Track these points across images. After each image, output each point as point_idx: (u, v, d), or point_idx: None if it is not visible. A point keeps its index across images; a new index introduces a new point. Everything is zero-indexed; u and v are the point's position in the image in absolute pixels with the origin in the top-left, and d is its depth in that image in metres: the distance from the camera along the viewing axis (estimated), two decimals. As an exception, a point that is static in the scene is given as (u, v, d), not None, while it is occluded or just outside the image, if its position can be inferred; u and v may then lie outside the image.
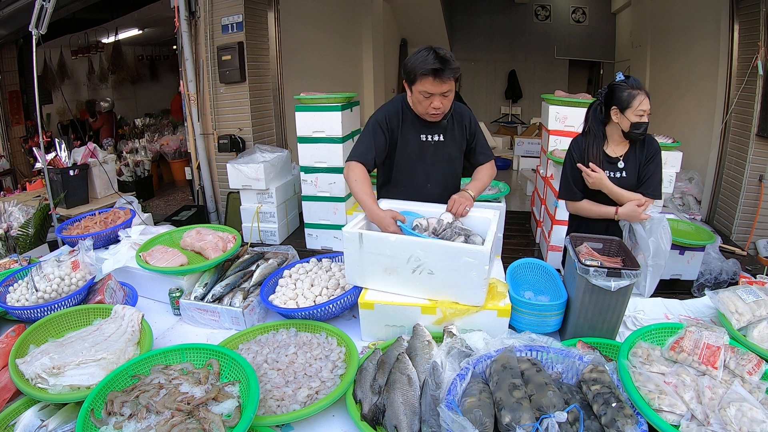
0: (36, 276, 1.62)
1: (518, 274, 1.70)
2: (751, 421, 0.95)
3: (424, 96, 1.67)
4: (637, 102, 1.79)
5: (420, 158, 1.85)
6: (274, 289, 1.66)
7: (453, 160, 1.91)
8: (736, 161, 3.83)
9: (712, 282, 2.83)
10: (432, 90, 1.64)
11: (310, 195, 3.68)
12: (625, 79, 1.86)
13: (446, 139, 1.86)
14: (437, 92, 1.65)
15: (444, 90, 1.65)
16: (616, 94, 1.84)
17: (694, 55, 4.89)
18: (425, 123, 1.83)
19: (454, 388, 1.08)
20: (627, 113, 1.81)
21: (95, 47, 7.57)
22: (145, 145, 6.56)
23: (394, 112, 1.83)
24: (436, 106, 1.68)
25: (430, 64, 1.59)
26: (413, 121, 1.83)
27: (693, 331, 1.18)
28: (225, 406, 1.06)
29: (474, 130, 1.92)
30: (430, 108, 1.70)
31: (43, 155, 3.53)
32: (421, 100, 1.69)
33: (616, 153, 1.92)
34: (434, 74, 1.60)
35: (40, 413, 1.15)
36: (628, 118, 1.81)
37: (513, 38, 9.06)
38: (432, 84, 1.62)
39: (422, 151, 1.85)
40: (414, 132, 1.84)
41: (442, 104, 1.69)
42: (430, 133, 1.85)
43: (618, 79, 1.87)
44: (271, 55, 4.51)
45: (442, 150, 1.87)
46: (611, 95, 1.86)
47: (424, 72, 1.61)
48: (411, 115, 1.83)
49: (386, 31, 7.53)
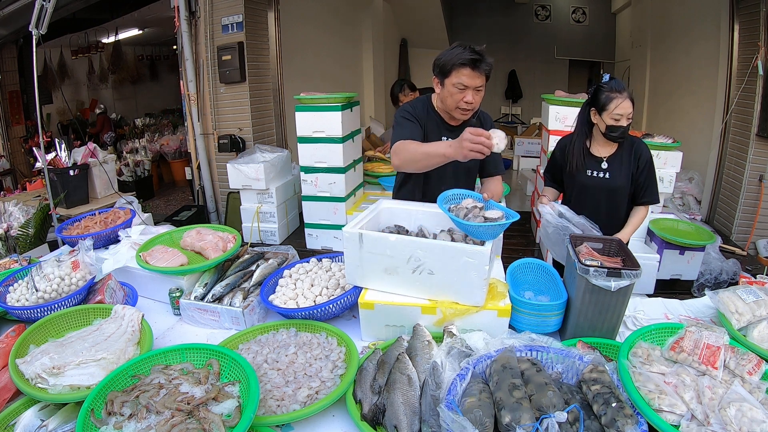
0: (36, 276, 1.62)
1: (518, 274, 1.70)
2: (751, 421, 0.95)
3: (458, 89, 1.67)
4: (613, 105, 1.80)
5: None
6: (274, 289, 1.66)
7: (469, 166, 1.89)
8: (736, 161, 3.83)
9: (712, 282, 2.83)
10: (468, 82, 1.65)
11: (310, 195, 3.68)
12: (609, 80, 1.87)
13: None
14: (472, 85, 1.65)
15: (478, 84, 1.66)
16: (597, 96, 1.87)
17: (695, 55, 4.89)
18: (448, 126, 1.84)
19: (454, 388, 1.08)
20: (603, 115, 1.84)
21: (95, 47, 7.58)
22: (145, 145, 6.57)
23: (421, 109, 1.84)
24: (468, 100, 1.68)
25: (468, 55, 1.61)
26: (437, 122, 1.84)
27: (693, 331, 1.18)
28: (225, 406, 1.06)
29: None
30: (462, 102, 1.69)
31: (43, 155, 3.53)
32: (454, 93, 1.68)
33: (601, 153, 1.94)
34: (472, 64, 1.61)
35: (40, 413, 1.15)
36: (604, 120, 1.84)
37: (513, 38, 9.06)
38: (469, 76, 1.63)
39: None
40: (437, 132, 1.84)
41: (474, 99, 1.69)
42: (452, 137, 1.84)
43: (603, 81, 1.89)
44: (271, 55, 4.51)
45: None
46: (594, 96, 1.89)
47: (462, 62, 1.62)
48: (436, 116, 1.84)
49: (386, 31, 7.53)
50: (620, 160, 1.93)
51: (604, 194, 1.96)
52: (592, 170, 1.94)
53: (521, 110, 9.57)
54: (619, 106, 1.79)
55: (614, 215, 2.00)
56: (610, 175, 1.93)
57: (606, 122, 1.84)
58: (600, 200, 1.97)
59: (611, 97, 1.81)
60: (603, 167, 1.93)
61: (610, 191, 1.95)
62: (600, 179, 1.93)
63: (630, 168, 1.93)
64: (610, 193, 1.96)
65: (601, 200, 1.97)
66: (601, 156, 1.94)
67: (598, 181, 1.93)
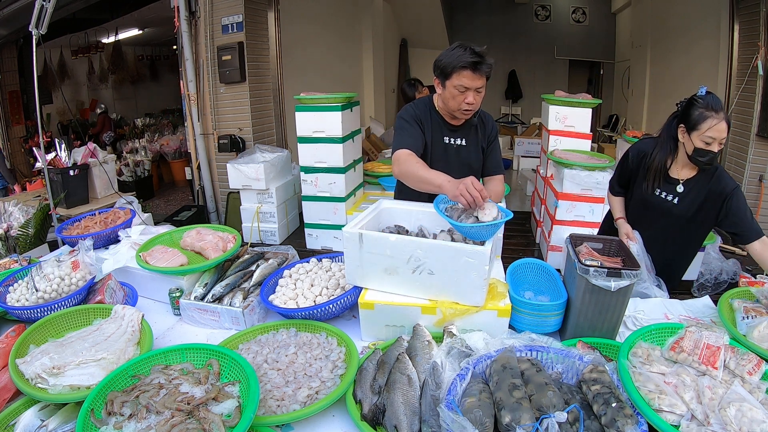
0: (36, 276, 1.62)
1: (518, 274, 1.70)
2: (751, 421, 0.95)
3: (459, 90, 1.68)
4: (706, 125, 1.55)
5: (442, 160, 1.85)
6: (274, 289, 1.66)
7: (473, 165, 1.91)
8: (736, 161, 3.83)
9: (712, 282, 2.83)
10: (468, 84, 1.65)
11: (310, 195, 3.68)
12: (705, 95, 1.61)
13: (468, 144, 1.87)
14: (473, 87, 1.66)
15: (478, 85, 1.66)
16: (689, 111, 1.61)
17: (695, 55, 4.89)
18: (450, 126, 1.84)
19: (454, 388, 1.08)
20: (693, 135, 1.59)
21: (95, 47, 7.59)
22: (145, 145, 6.57)
23: (422, 110, 1.84)
24: (470, 101, 1.69)
25: (468, 57, 1.61)
26: (439, 123, 1.85)
27: (693, 331, 1.18)
28: (225, 406, 1.06)
29: (493, 138, 1.93)
30: (463, 104, 1.70)
31: (43, 155, 3.53)
32: (456, 95, 1.69)
33: (679, 175, 1.72)
34: (473, 67, 1.62)
35: (40, 413, 1.15)
36: (693, 141, 1.59)
37: (513, 38, 9.07)
38: (470, 77, 1.64)
39: (445, 153, 1.86)
40: (439, 134, 1.85)
41: (476, 100, 1.70)
42: (454, 137, 1.86)
43: (699, 93, 1.63)
44: (271, 55, 4.51)
45: (464, 154, 1.88)
46: (685, 110, 1.64)
47: (463, 65, 1.62)
48: (437, 117, 1.84)
49: (386, 31, 7.54)
50: (698, 188, 1.69)
51: (666, 219, 1.77)
52: (665, 192, 1.73)
53: (521, 110, 9.58)
54: (713, 128, 1.54)
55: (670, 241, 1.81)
56: (680, 202, 1.71)
57: (695, 143, 1.59)
58: (659, 223, 1.79)
59: (705, 116, 1.55)
60: (678, 191, 1.70)
61: (673, 217, 1.75)
62: (669, 202, 1.72)
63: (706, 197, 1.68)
64: (672, 219, 1.77)
65: (660, 223, 1.79)
66: (677, 178, 1.72)
67: (668, 204, 1.72)
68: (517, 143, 7.17)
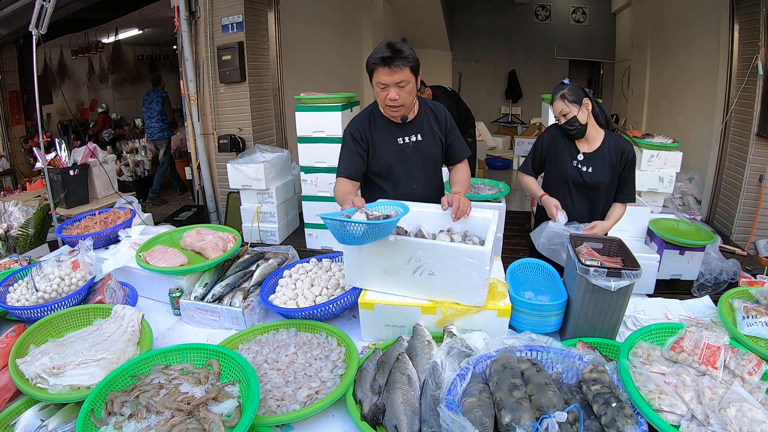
0: (36, 276, 1.62)
1: (518, 274, 1.70)
2: (751, 421, 0.95)
3: (380, 88, 1.69)
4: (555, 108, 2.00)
5: (400, 161, 1.85)
6: (274, 289, 1.66)
7: (434, 158, 1.91)
8: (736, 161, 3.83)
9: (712, 282, 2.83)
10: (386, 80, 1.65)
11: (310, 195, 3.68)
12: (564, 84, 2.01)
13: (424, 138, 1.86)
14: (390, 82, 1.66)
15: (397, 80, 1.65)
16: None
17: (694, 54, 4.89)
18: (399, 126, 1.83)
19: (454, 388, 1.08)
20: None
21: (95, 47, 7.57)
22: (145, 145, 6.56)
23: (365, 119, 1.85)
24: (392, 97, 1.68)
25: (380, 53, 1.62)
26: (387, 126, 1.84)
27: (693, 331, 1.18)
28: (225, 406, 1.06)
29: (450, 126, 1.92)
30: (386, 99, 1.70)
31: (43, 155, 3.53)
32: (378, 92, 1.71)
33: (584, 148, 2.03)
34: (383, 62, 1.62)
35: (40, 413, 1.15)
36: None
37: (513, 38, 9.05)
38: (385, 73, 1.64)
39: (401, 153, 1.85)
40: (389, 136, 1.84)
41: (399, 96, 1.68)
42: (407, 135, 1.84)
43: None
44: (271, 55, 4.51)
45: (422, 149, 1.87)
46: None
47: (375, 62, 1.64)
48: (383, 121, 1.84)
49: (386, 31, 7.53)
50: (603, 157, 1.98)
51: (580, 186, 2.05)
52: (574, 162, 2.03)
53: (521, 110, 9.57)
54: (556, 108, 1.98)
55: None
56: (592, 170, 1.99)
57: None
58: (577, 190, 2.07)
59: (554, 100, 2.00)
60: (579, 159, 2.02)
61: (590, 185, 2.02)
62: (583, 172, 2.00)
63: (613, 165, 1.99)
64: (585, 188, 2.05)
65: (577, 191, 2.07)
66: (582, 150, 2.02)
67: (580, 172, 2.00)
68: (517, 143, 7.17)
